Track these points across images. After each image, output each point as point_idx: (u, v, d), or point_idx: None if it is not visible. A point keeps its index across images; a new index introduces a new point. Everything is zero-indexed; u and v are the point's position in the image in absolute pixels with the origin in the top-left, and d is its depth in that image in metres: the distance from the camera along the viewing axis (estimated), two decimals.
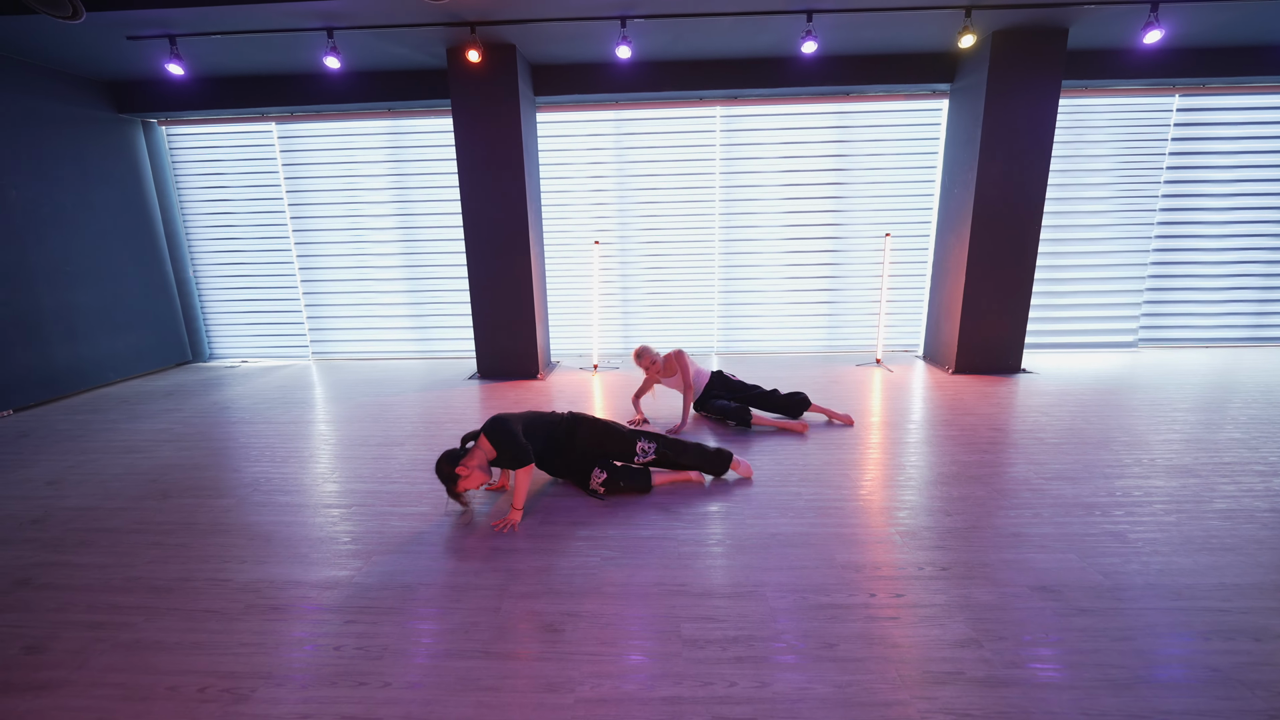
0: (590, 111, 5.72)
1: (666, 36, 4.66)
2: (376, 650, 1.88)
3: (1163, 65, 5.23)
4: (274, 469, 3.40)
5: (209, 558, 2.46)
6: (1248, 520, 2.57)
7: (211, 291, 6.39)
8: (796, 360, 6.01)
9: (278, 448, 3.75)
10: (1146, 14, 4.25)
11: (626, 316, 6.29)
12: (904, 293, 6.12)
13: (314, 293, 6.29)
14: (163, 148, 5.98)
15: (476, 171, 5.02)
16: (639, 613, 2.03)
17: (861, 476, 3.12)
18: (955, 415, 4.11)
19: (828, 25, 4.46)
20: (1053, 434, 3.69)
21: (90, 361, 5.31)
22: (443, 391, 5.04)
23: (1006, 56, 4.65)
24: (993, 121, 4.78)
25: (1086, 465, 3.20)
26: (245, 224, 6.17)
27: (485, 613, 2.05)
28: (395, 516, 2.78)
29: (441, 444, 3.73)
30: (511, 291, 5.24)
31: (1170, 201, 5.86)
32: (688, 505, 2.83)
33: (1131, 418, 3.97)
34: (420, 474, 3.28)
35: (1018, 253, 5.02)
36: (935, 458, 3.36)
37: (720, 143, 5.82)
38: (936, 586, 2.14)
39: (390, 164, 5.92)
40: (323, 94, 5.46)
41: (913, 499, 2.85)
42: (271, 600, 2.16)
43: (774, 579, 2.21)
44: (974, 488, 2.95)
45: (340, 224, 6.09)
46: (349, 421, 4.27)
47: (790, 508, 2.78)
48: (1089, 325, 6.12)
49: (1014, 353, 5.25)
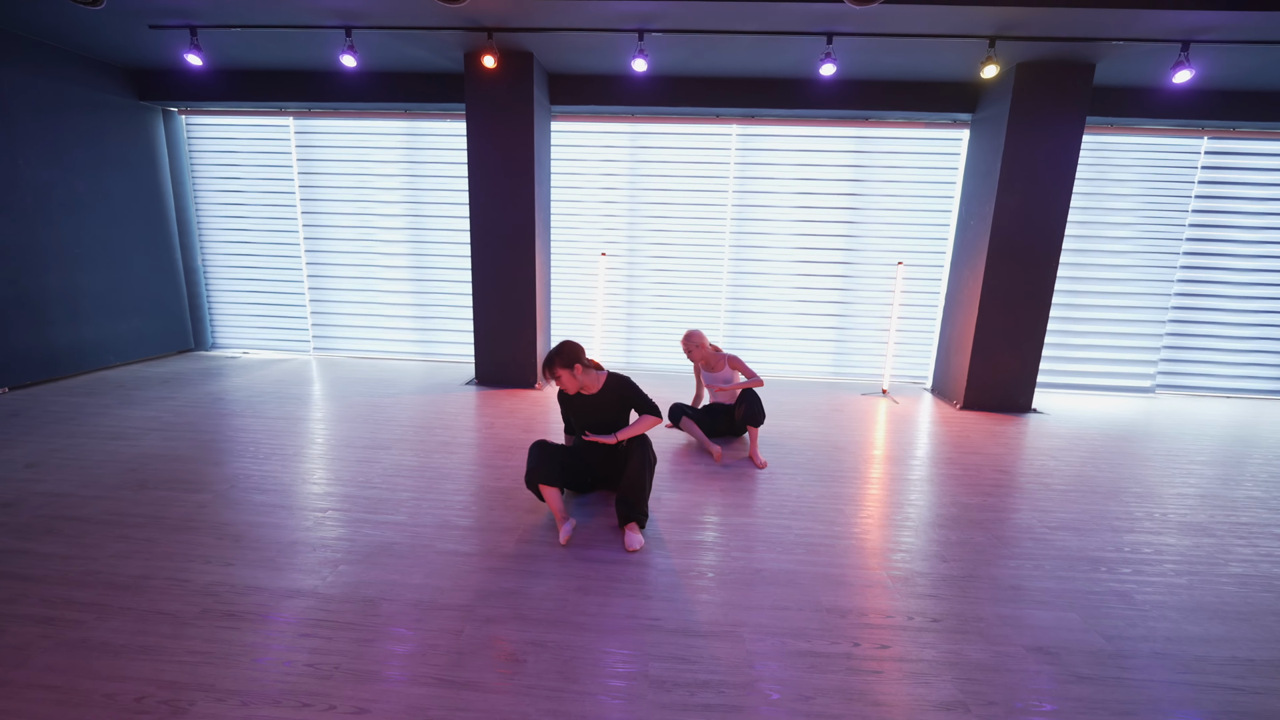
0: (605, 123, 5.69)
1: (684, 52, 4.62)
2: (328, 669, 1.79)
3: (1191, 106, 5.12)
4: (255, 466, 3.33)
5: (173, 555, 2.39)
6: (1265, 588, 2.41)
7: (219, 281, 6.41)
8: (800, 385, 5.88)
9: (263, 443, 3.69)
10: (1176, 53, 4.15)
11: (630, 331, 6.21)
12: (914, 323, 5.99)
13: (319, 288, 6.28)
14: (181, 137, 6.04)
15: (487, 177, 5.00)
16: (608, 647, 1.92)
17: (857, 513, 3.00)
18: (960, 453, 3.97)
19: (848, 49, 4.41)
20: (1060, 480, 3.54)
21: (92, 344, 5.32)
22: (437, 396, 4.97)
23: (1030, 89, 4.56)
24: (1013, 154, 4.68)
25: (1094, 516, 3.05)
26: (257, 216, 6.19)
27: (447, 635, 1.95)
28: (369, 524, 2.70)
29: (429, 450, 3.66)
30: (514, 299, 5.19)
31: (1195, 245, 5.70)
32: (674, 532, 2.72)
33: (1145, 468, 3.81)
34: (401, 480, 3.20)
35: (1033, 289, 4.88)
36: (936, 498, 3.22)
37: (735, 161, 5.77)
38: (926, 639, 2.01)
39: (403, 165, 5.92)
40: (340, 91, 5.48)
41: (909, 541, 2.72)
42: (229, 606, 2.08)
43: (754, 619, 2.09)
44: (974, 533, 2.82)
45: (350, 221, 6.10)
46: (339, 421, 4.21)
47: (779, 542, 2.66)
48: (1105, 367, 5.94)
49: (1025, 391, 5.09)
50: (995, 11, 3.70)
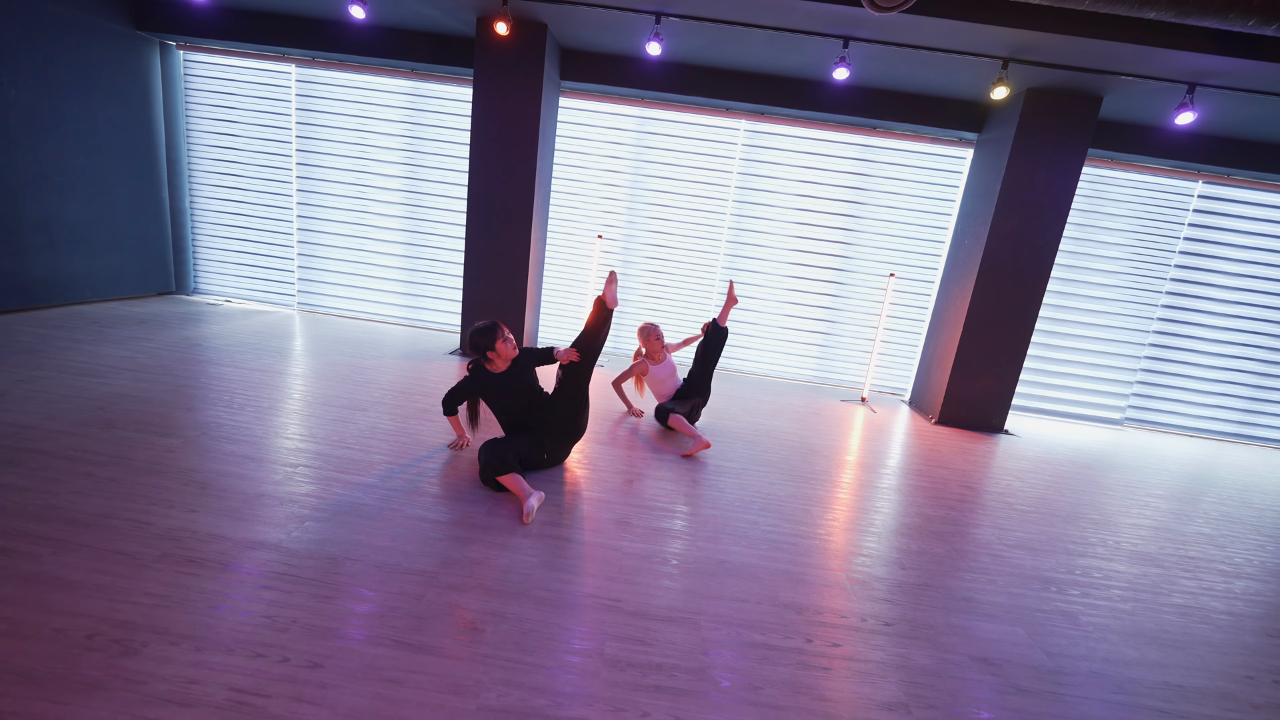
0: (614, 104, 5.63)
1: (700, 40, 4.58)
2: (285, 622, 1.79)
3: (1189, 149, 5.21)
4: (228, 415, 3.29)
5: (136, 497, 2.36)
6: (1203, 620, 2.51)
7: (206, 225, 6.27)
8: (782, 386, 5.94)
9: (237, 394, 3.65)
10: (1181, 95, 4.21)
11: (619, 316, 6.20)
12: (899, 335, 6.07)
13: (309, 242, 6.18)
14: (178, 73, 5.86)
15: (490, 146, 4.93)
16: (567, 623, 1.95)
17: (824, 515, 3.05)
18: (929, 466, 4.05)
19: (863, 55, 4.40)
20: (1023, 501, 3.63)
21: (68, 277, 5.18)
22: (419, 362, 4.94)
23: (1038, 115, 4.60)
24: (1014, 178, 4.72)
25: (1051, 538, 3.14)
26: (250, 163, 6.05)
27: (407, 599, 1.96)
28: (340, 483, 2.69)
29: (406, 415, 3.64)
30: (506, 272, 5.15)
31: (1177, 286, 5.83)
32: (644, 517, 2.75)
33: (1105, 496, 3.92)
34: (376, 442, 3.18)
35: (1018, 313, 4.97)
36: (902, 507, 3.29)
37: (740, 157, 5.75)
38: (876, 642, 2.07)
39: (405, 125, 5.82)
40: (347, 43, 5.35)
41: (871, 546, 2.78)
42: (190, 552, 2.06)
43: (712, 608, 2.13)
44: (934, 544, 2.88)
45: (346, 177, 5.99)
46: (318, 378, 4.17)
47: (745, 536, 2.70)
48: (1078, 396, 6.08)
49: (999, 412, 5.20)
50: (1011, 33, 3.72)
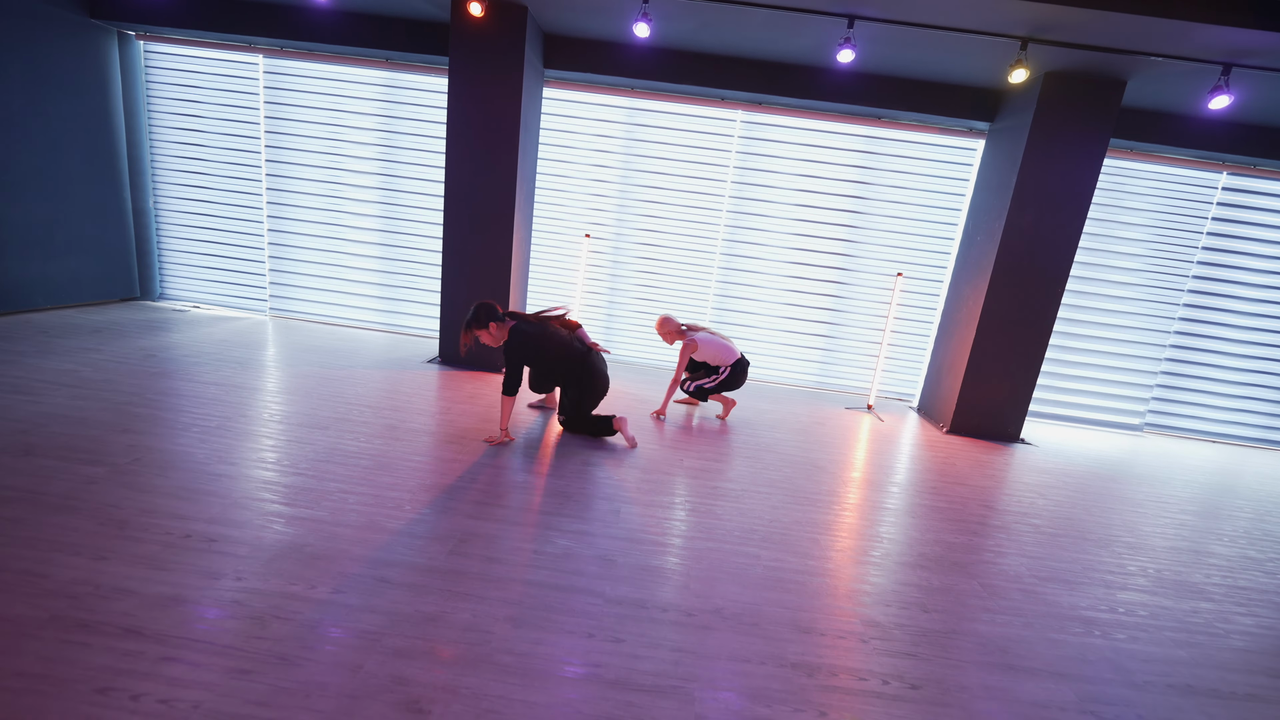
0: (602, 95, 5.30)
1: (692, 23, 4.25)
2: (185, 708, 1.46)
3: (1214, 138, 4.89)
4: (168, 438, 2.96)
5: (39, 541, 2.03)
6: (1270, 670, 2.19)
7: (172, 227, 5.92)
8: (783, 392, 5.61)
9: (184, 412, 3.31)
10: (1213, 77, 3.89)
11: (610, 319, 5.88)
12: (906, 338, 5.75)
13: (281, 244, 5.83)
14: (138, 65, 5.51)
15: (468, 140, 4.59)
16: (532, 698, 1.62)
17: (832, 544, 2.73)
18: (945, 483, 3.73)
19: (869, 37, 4.08)
20: (1050, 522, 3.31)
21: (17, 282, 4.83)
22: (393, 372, 4.60)
23: (1056, 102, 4.28)
24: (1030, 169, 4.40)
25: (1086, 567, 2.82)
26: (217, 160, 5.70)
27: (342, 671, 1.63)
28: (283, 519, 2.35)
29: (371, 434, 3.31)
30: (487, 274, 4.81)
31: (1199, 284, 5.52)
32: (630, 553, 2.42)
33: (1136, 514, 3.60)
34: (333, 468, 2.85)
35: (1036, 314, 4.65)
36: (919, 533, 2.97)
37: (737, 150, 5.42)
38: (901, 713, 1.74)
39: (380, 119, 5.48)
40: (317, 31, 5.01)
41: (885, 584, 2.45)
42: (86, 613, 1.73)
43: (708, 672, 1.81)
44: (958, 578, 2.56)
45: (319, 174, 5.64)
46: (279, 392, 3.83)
47: (745, 576, 2.37)
48: (1095, 401, 5.77)
49: (1014, 420, 4.88)
50: (1032, 8, 3.39)
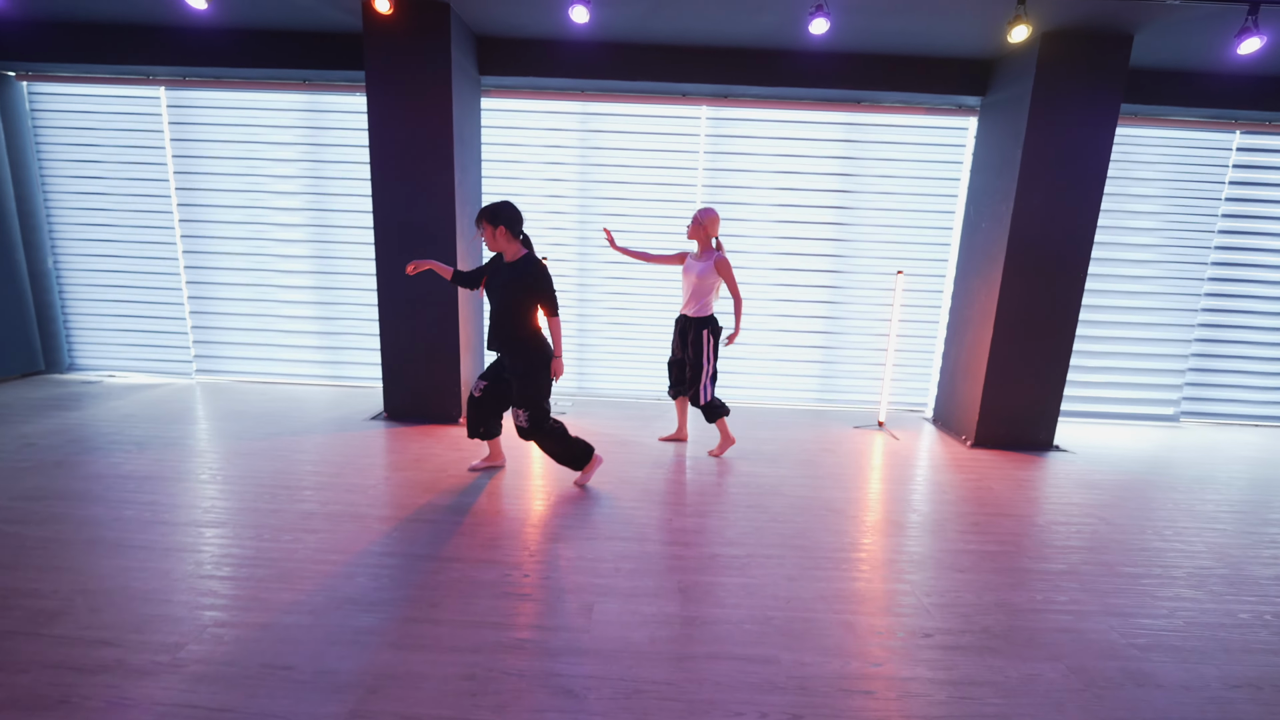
0: (549, 101, 4.74)
1: (640, 7, 3.71)
2: None
3: (1224, 94, 4.43)
4: (5, 568, 2.26)
5: None
6: None
7: (77, 289, 5.23)
8: (783, 416, 5.00)
9: (34, 524, 2.61)
10: (1237, 20, 3.40)
11: (581, 350, 5.25)
12: (911, 341, 5.17)
13: (202, 296, 5.16)
14: (21, 108, 4.87)
15: (395, 161, 4.00)
16: None
17: (868, 626, 2.09)
18: (987, 516, 3.11)
19: (842, 7, 3.56)
20: (1125, 558, 2.70)
21: None
22: (329, 436, 3.93)
23: (1057, 65, 3.78)
24: (1036, 144, 3.88)
25: (1194, 623, 2.20)
26: (124, 209, 5.04)
27: None
28: (122, 676, 1.67)
29: (277, 527, 2.63)
30: (431, 313, 4.18)
31: (1223, 255, 5.02)
32: (600, 685, 1.76)
33: (1222, 535, 3.00)
34: (213, 584, 2.17)
35: (1059, 304, 4.10)
36: (974, 594, 2.34)
37: (705, 150, 4.87)
38: None
39: (304, 149, 4.87)
40: (222, 55, 4.42)
41: (948, 681, 1.81)
42: None
43: None
44: (1037, 662, 1.93)
45: (240, 216, 5.00)
46: (190, 476, 3.14)
47: (762, 703, 1.72)
48: (1124, 394, 5.21)
49: (1046, 426, 4.30)
50: None
